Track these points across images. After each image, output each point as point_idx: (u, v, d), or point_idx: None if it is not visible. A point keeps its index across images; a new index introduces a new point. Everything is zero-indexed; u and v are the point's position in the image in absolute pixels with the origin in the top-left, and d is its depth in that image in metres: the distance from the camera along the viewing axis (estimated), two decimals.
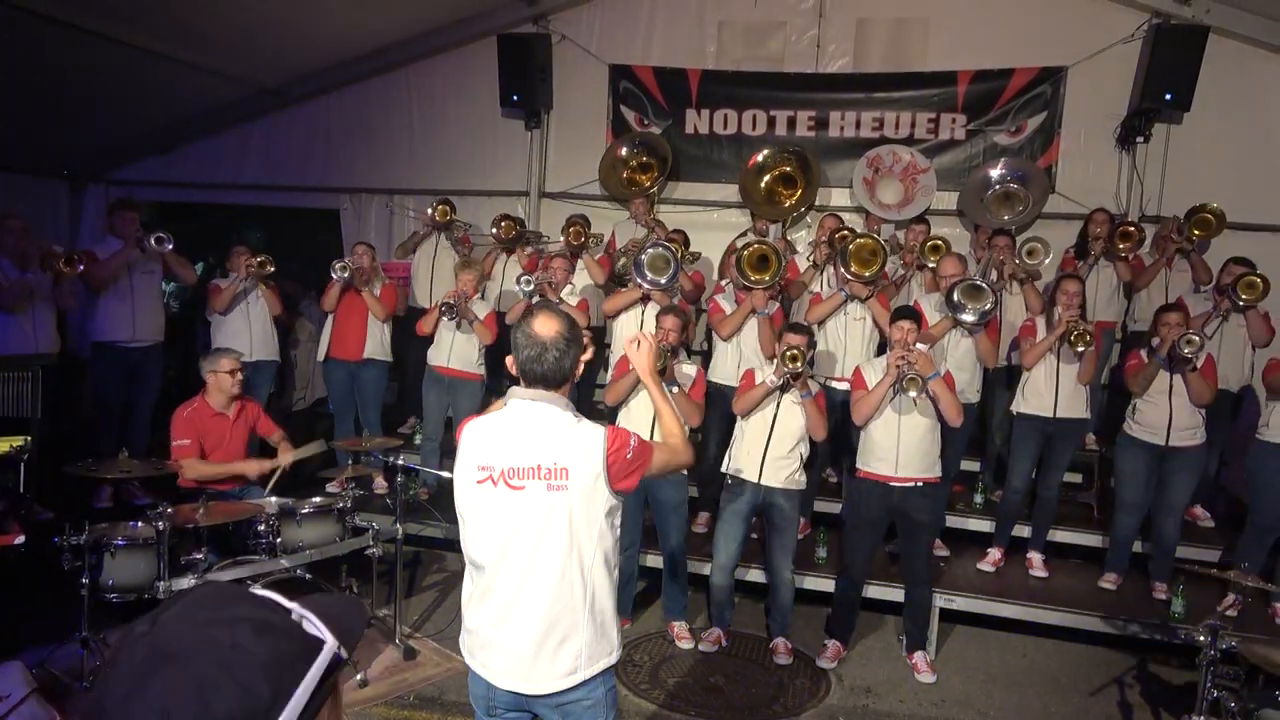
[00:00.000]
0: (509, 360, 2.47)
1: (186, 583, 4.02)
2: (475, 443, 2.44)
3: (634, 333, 2.71)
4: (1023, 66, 7.16)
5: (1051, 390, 5.39)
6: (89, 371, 6.43)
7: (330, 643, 0.98)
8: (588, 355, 2.55)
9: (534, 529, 2.35)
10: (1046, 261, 6.09)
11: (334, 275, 6.32)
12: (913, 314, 4.93)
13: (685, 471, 5.12)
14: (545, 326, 2.38)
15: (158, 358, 6.56)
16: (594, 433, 2.40)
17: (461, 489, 2.45)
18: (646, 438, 4.87)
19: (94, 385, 6.44)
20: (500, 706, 2.46)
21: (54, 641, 4.41)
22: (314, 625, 0.99)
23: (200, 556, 4.24)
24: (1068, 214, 7.05)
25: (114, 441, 5.68)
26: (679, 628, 5.21)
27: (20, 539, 3.69)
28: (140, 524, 4.23)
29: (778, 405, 4.83)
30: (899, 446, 4.74)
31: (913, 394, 4.59)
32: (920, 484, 4.78)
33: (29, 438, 4.04)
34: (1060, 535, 5.87)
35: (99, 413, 6.40)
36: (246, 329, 6.46)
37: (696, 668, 4.94)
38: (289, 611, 1.00)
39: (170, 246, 6.23)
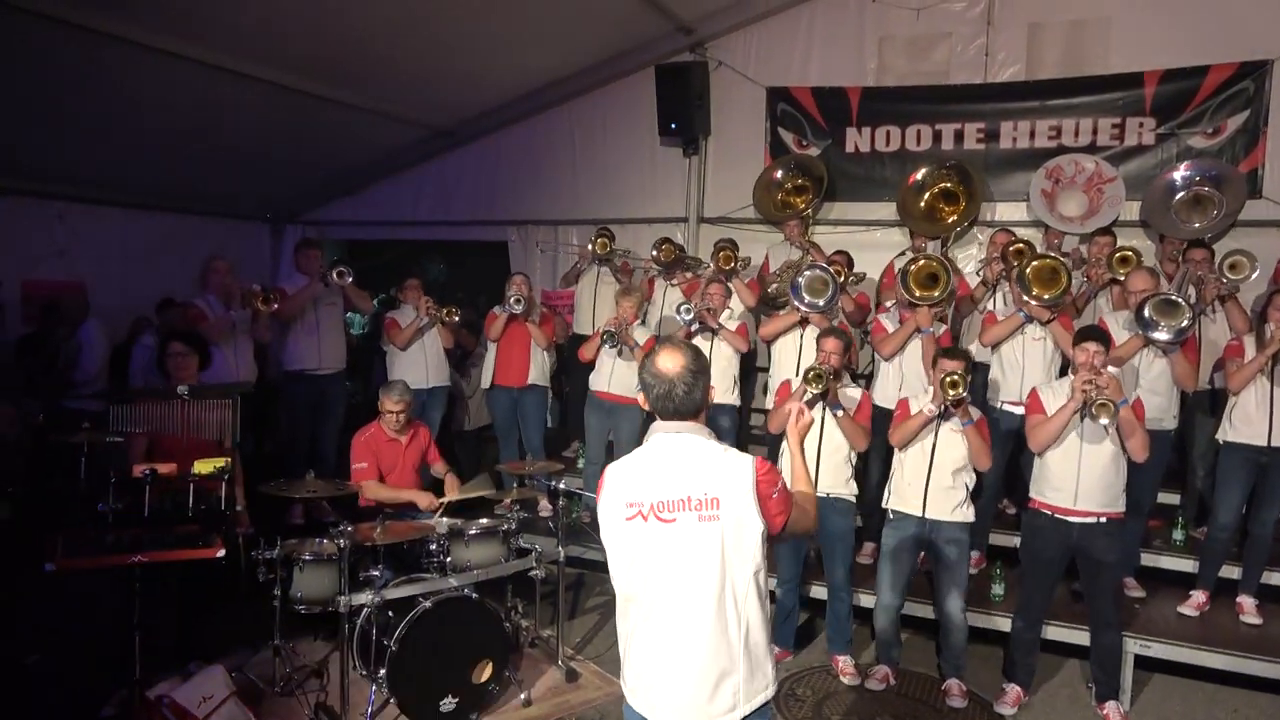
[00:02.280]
0: (640, 398, 2.49)
1: (364, 598, 4.25)
2: (620, 481, 2.43)
3: (793, 402, 2.62)
4: (1220, 63, 6.55)
5: (1265, 416, 4.86)
6: (280, 398, 6.98)
7: None
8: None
9: (686, 562, 2.32)
10: (1254, 276, 5.50)
11: (506, 309, 6.57)
12: (1099, 335, 4.56)
13: (853, 499, 4.99)
14: (669, 362, 2.40)
15: (340, 384, 7.07)
16: (742, 460, 2.36)
17: (610, 528, 2.43)
18: (811, 465, 4.83)
19: (285, 410, 6.99)
20: None
21: (251, 648, 4.78)
22: None
23: (377, 573, 4.49)
24: (1279, 220, 6.37)
25: (303, 462, 6.11)
26: (844, 662, 5.02)
27: (221, 552, 4.00)
28: (325, 541, 4.52)
29: (936, 433, 4.59)
30: (1079, 476, 4.38)
31: (1104, 421, 4.21)
32: (1102, 519, 4.40)
33: (229, 459, 4.40)
34: (1277, 578, 5.26)
35: (290, 436, 6.94)
36: (422, 358, 6.84)
37: (862, 705, 4.74)
38: None
39: (351, 279, 6.69)
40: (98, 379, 6.46)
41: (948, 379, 4.44)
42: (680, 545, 2.33)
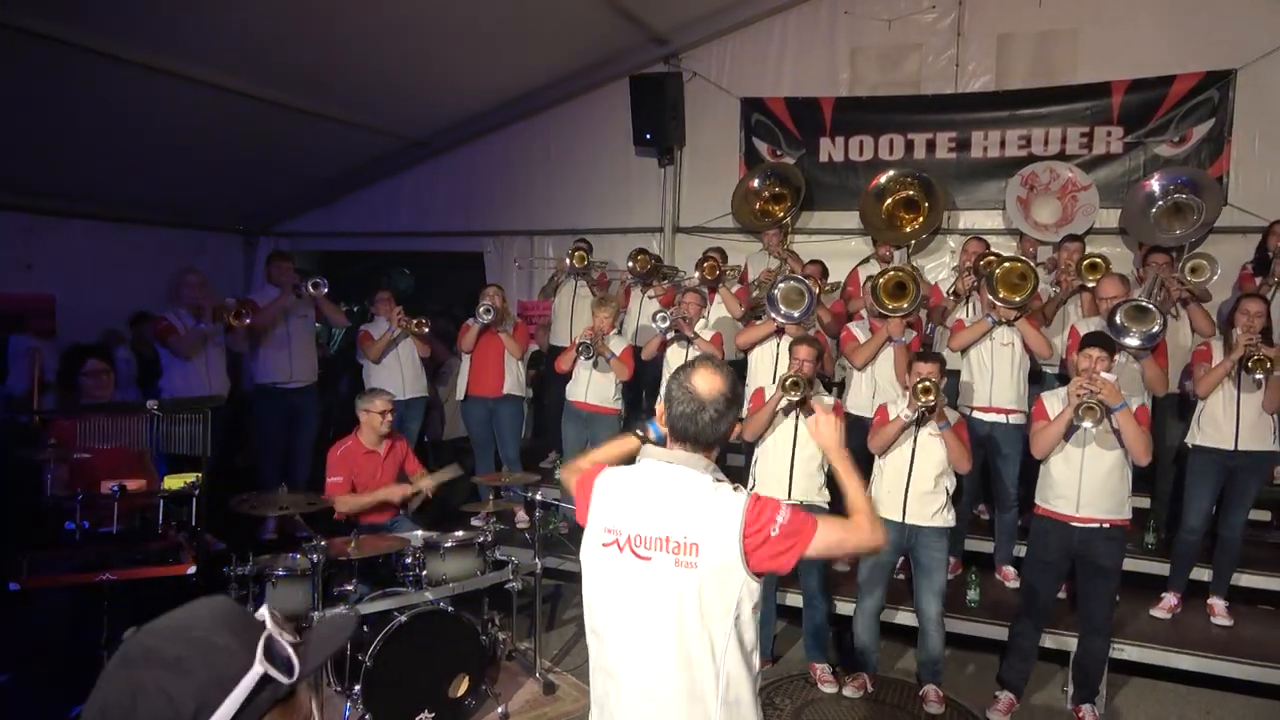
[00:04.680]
0: (659, 409, 2.25)
1: (340, 612, 4.20)
2: (606, 498, 2.22)
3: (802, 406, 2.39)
4: (1185, 73, 6.67)
5: (1231, 421, 4.93)
6: (253, 411, 6.91)
7: (255, 669, 1.09)
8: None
9: (658, 606, 2.08)
10: (1214, 279, 5.60)
11: (477, 320, 6.53)
12: (1105, 341, 4.51)
13: (826, 506, 4.94)
14: (706, 383, 2.15)
15: (313, 396, 7.02)
16: (732, 504, 2.07)
17: (588, 547, 2.23)
18: (785, 473, 4.81)
19: (257, 424, 6.92)
20: None
21: None
22: (266, 648, 1.11)
23: (351, 588, 4.44)
24: (1243, 227, 6.47)
25: (277, 476, 6.05)
26: (822, 670, 5.03)
27: (193, 569, 3.96)
28: (298, 556, 4.47)
29: (915, 439, 4.62)
30: (1081, 483, 4.39)
31: (1088, 424, 4.23)
32: (1105, 525, 4.40)
33: (200, 474, 4.36)
34: (1246, 579, 5.34)
35: (263, 449, 6.86)
36: (398, 369, 6.79)
37: (841, 713, 4.75)
38: (259, 631, 1.13)
39: (326, 290, 6.64)
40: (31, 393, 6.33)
41: (920, 385, 4.46)
42: (652, 587, 2.09)
